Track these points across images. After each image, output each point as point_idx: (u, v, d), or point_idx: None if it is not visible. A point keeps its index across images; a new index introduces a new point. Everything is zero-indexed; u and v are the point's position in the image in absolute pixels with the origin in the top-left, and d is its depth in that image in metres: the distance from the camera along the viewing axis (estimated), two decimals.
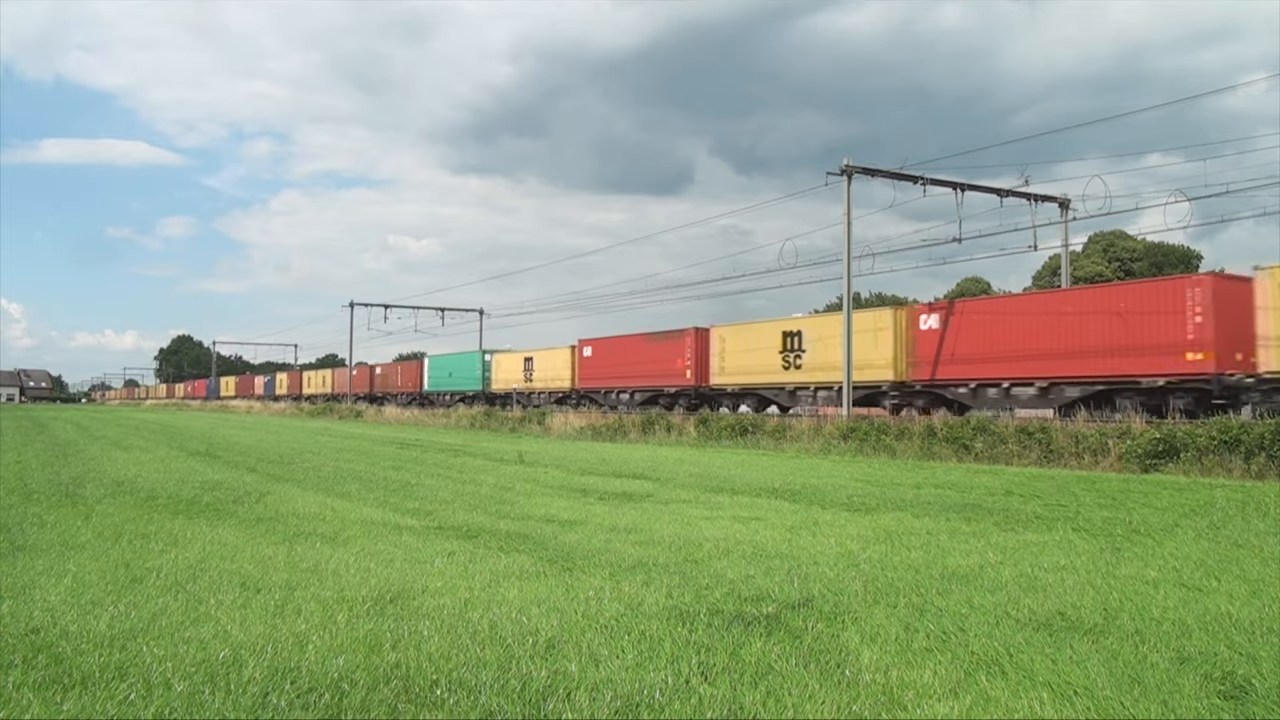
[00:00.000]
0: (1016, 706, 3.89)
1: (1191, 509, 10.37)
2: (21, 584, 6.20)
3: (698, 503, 11.24)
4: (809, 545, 7.94)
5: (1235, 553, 7.58)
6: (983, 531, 8.80)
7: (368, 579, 6.40)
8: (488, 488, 12.96)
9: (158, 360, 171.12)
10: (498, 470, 16.13)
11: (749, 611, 5.45)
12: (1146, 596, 5.91)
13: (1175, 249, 69.43)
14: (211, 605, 5.59)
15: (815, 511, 10.31)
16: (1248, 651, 4.66)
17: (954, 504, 10.93)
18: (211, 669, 4.27)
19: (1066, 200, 29.62)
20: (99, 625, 5.07)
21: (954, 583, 6.34)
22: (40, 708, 3.81)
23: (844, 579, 6.44)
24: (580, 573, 6.66)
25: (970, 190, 28.29)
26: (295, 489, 12.70)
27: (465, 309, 65.00)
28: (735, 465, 17.16)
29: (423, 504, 11.02)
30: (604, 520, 9.57)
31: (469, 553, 7.53)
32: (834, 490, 12.51)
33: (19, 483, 13.00)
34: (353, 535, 8.50)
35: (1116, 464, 15.63)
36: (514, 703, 3.88)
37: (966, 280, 74.21)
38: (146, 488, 12.55)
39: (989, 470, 16.01)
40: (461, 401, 52.32)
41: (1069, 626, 5.16)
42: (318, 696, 3.93)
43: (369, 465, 17.12)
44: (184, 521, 9.31)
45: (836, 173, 26.23)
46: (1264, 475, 13.72)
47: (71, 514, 9.73)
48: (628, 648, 4.67)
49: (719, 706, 3.85)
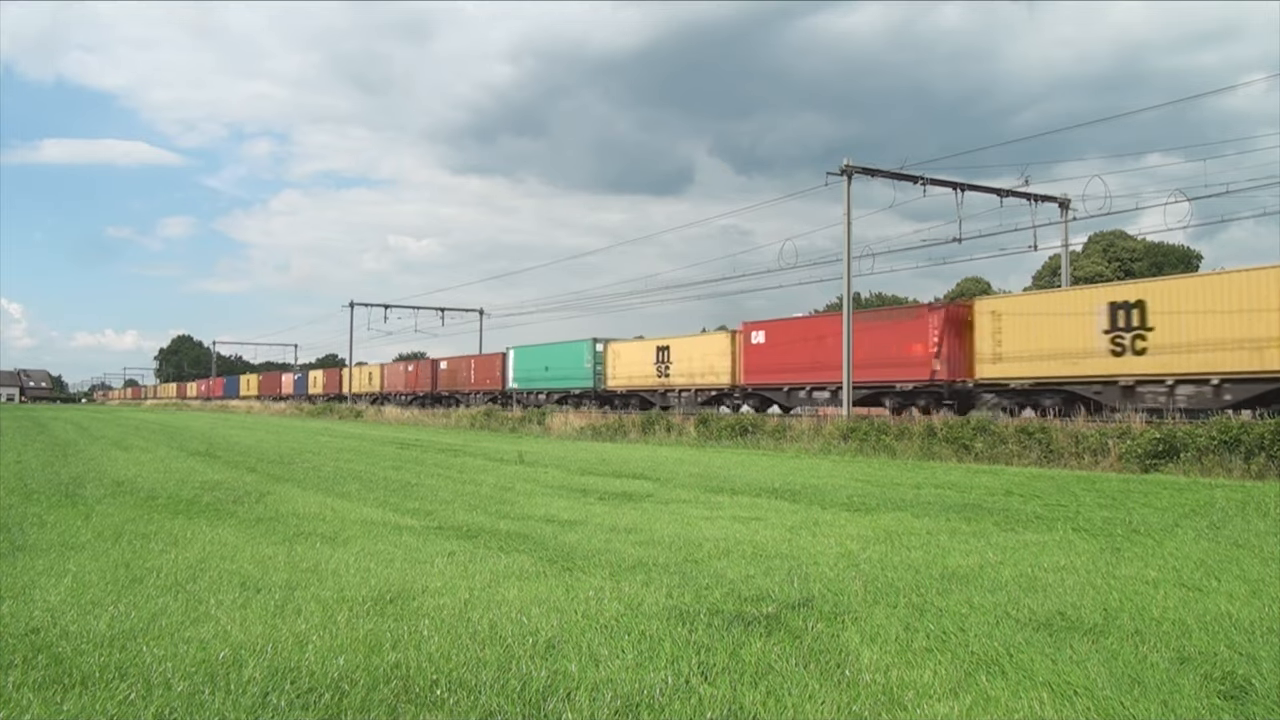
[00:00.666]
0: (1016, 706, 3.89)
1: (1191, 509, 10.37)
2: (21, 584, 6.20)
3: (698, 503, 11.24)
4: (809, 545, 7.94)
5: (1235, 553, 7.58)
6: (983, 531, 8.80)
7: (368, 579, 6.40)
8: (488, 488, 12.96)
9: (158, 360, 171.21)
10: (498, 470, 16.13)
11: (749, 611, 5.45)
12: (1146, 596, 5.91)
13: (1175, 249, 69.46)
14: (211, 605, 5.59)
15: (815, 511, 10.31)
16: (1248, 651, 4.66)
17: (954, 504, 10.93)
18: (211, 669, 4.27)
19: (1066, 200, 29.62)
20: (99, 625, 5.07)
21: (954, 583, 6.34)
22: (40, 708, 3.81)
23: (844, 579, 6.44)
24: (580, 573, 6.66)
25: (970, 190, 28.28)
26: (295, 489, 12.70)
27: (465, 309, 65.00)
28: (735, 465, 17.16)
29: (423, 504, 11.02)
30: (604, 520, 9.57)
31: (469, 553, 7.53)
32: (834, 490, 12.51)
33: (19, 483, 12.99)
34: (353, 535, 8.50)
35: (1116, 464, 15.63)
36: (514, 703, 3.88)
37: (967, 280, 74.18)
38: (146, 488, 12.55)
39: (989, 470, 16.01)
40: (563, 402, 42.72)
41: (1069, 626, 5.16)
42: (318, 696, 3.93)
43: (369, 465, 17.12)
44: (184, 521, 9.30)
45: (836, 173, 26.23)
46: (1264, 475, 13.72)
47: (71, 514, 9.73)
48: (628, 648, 4.67)
49: (719, 706, 3.85)
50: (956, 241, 27.72)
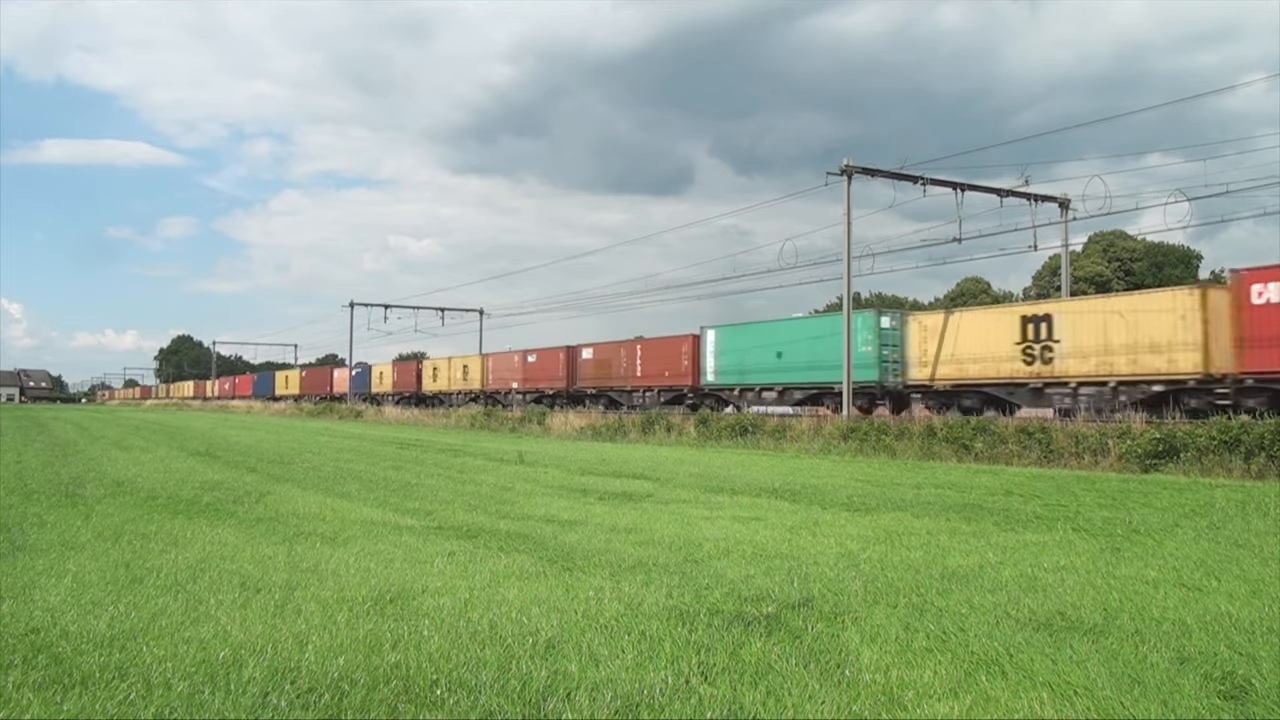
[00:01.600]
0: (1016, 706, 3.89)
1: (1191, 509, 10.37)
2: (21, 584, 6.20)
3: (698, 503, 11.24)
4: (809, 545, 7.94)
5: (1235, 553, 7.58)
6: (983, 531, 8.80)
7: (368, 579, 6.40)
8: (488, 488, 12.96)
9: (158, 360, 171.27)
10: (498, 470, 16.13)
11: (749, 611, 5.45)
12: (1146, 596, 5.91)
13: (1175, 249, 69.48)
14: (211, 605, 5.59)
15: (815, 511, 10.31)
16: (1248, 651, 4.66)
17: (954, 504, 10.93)
18: (211, 669, 4.27)
19: (1066, 200, 29.64)
20: (99, 625, 5.07)
21: (954, 583, 6.34)
22: (40, 708, 3.81)
23: (844, 579, 6.44)
24: (580, 573, 6.66)
25: (970, 190, 28.31)
26: (295, 489, 12.70)
27: (465, 309, 64.99)
28: (735, 465, 17.16)
29: (423, 504, 11.03)
30: (604, 520, 9.57)
31: (469, 553, 7.53)
32: (834, 490, 12.51)
33: (19, 483, 13.00)
34: (353, 535, 8.50)
35: (1116, 464, 15.63)
36: (514, 703, 3.88)
37: (967, 280, 74.21)
38: (146, 488, 12.55)
39: (989, 470, 16.01)
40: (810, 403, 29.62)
41: (1069, 626, 5.16)
42: (318, 696, 3.93)
43: (369, 465, 17.12)
44: (184, 521, 9.30)
45: (836, 173, 26.25)
46: (1264, 475, 13.72)
47: (71, 514, 9.73)
48: (628, 648, 4.67)
49: (719, 706, 3.85)
50: (956, 241, 27.77)
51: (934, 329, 26.69)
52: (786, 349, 30.85)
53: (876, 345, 27.47)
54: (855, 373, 26.70)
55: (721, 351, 33.75)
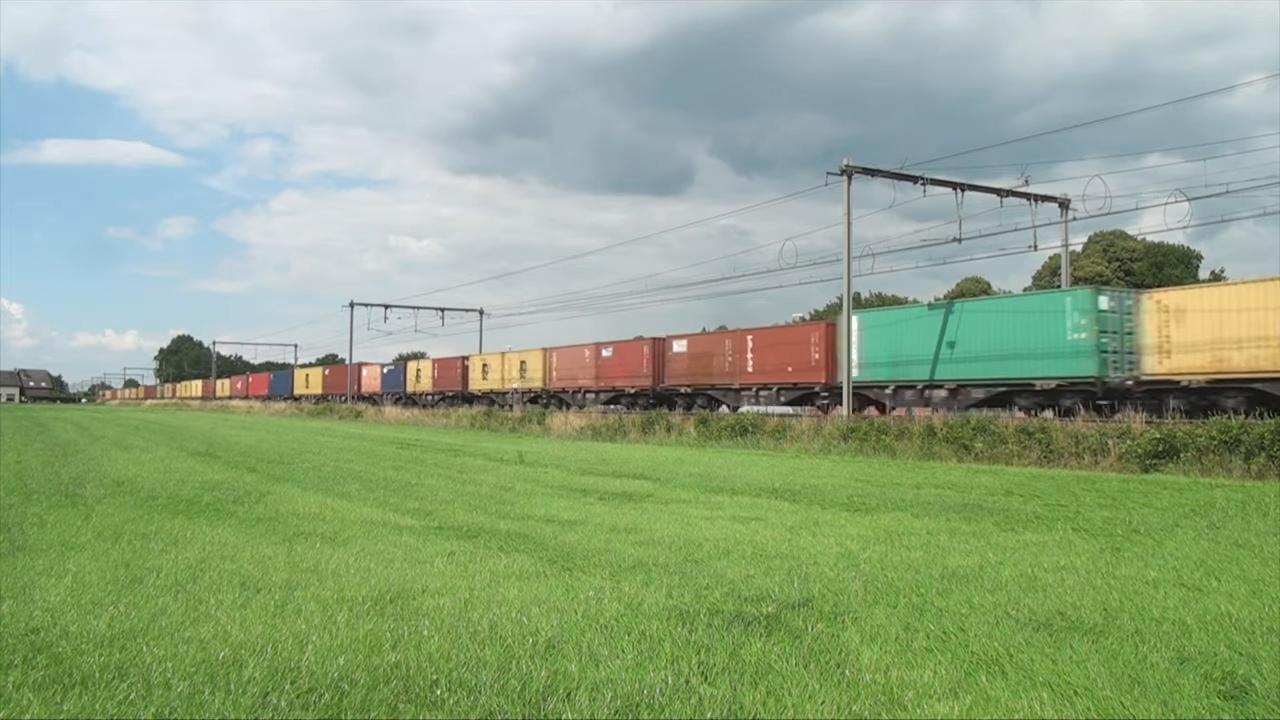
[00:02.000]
0: (1016, 706, 3.89)
1: (1191, 509, 10.37)
2: (21, 584, 6.20)
3: (698, 503, 11.25)
4: (809, 545, 7.94)
5: (1235, 553, 7.58)
6: (983, 531, 8.80)
7: (368, 579, 6.40)
8: (488, 488, 12.96)
9: (158, 360, 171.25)
10: (498, 470, 16.13)
11: (749, 611, 5.45)
12: (1146, 596, 5.91)
13: (1175, 249, 69.44)
14: (211, 605, 5.59)
15: (815, 511, 10.31)
16: (1248, 651, 4.66)
17: (954, 504, 10.94)
18: (211, 669, 4.28)
19: (1066, 200, 29.64)
20: (99, 625, 5.07)
21: (954, 583, 6.34)
22: (40, 708, 3.81)
23: (844, 579, 6.44)
24: (580, 573, 6.66)
25: (970, 190, 28.30)
26: (295, 489, 12.70)
27: (465, 309, 64.96)
28: (735, 465, 17.16)
29: (423, 504, 11.03)
30: (604, 520, 9.57)
31: (469, 553, 7.53)
32: (834, 490, 12.51)
33: (19, 483, 13.00)
34: (353, 535, 8.50)
35: (1116, 464, 15.63)
36: (514, 703, 3.88)
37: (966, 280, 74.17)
38: (146, 488, 12.55)
39: (989, 470, 16.01)
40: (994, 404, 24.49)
41: (1069, 626, 5.17)
42: (318, 696, 3.93)
43: (369, 465, 17.12)
44: (184, 521, 9.31)
45: (836, 173, 26.25)
46: (1264, 475, 13.72)
47: (71, 514, 9.73)
48: (628, 648, 4.67)
49: (719, 706, 3.85)
50: (956, 241, 27.75)
51: (1179, 308, 20.93)
52: (960, 336, 25.24)
53: (1095, 331, 21.90)
54: (1064, 366, 22.34)
55: (869, 344, 27.83)
